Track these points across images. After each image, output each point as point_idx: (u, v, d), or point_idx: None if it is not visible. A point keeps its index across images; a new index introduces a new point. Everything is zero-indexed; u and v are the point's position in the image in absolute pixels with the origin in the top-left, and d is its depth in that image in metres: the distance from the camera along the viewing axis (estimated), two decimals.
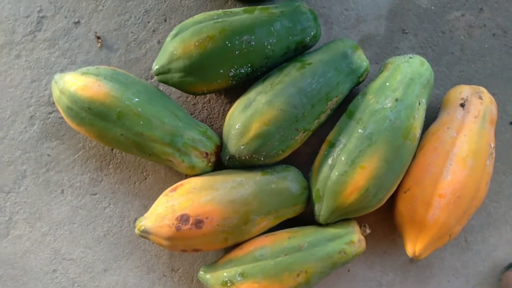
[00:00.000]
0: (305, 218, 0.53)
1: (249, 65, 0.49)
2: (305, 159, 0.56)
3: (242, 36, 0.48)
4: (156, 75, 0.50)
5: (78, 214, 0.58)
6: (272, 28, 0.49)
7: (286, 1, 0.53)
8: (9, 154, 0.58)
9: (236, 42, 0.48)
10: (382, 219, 0.54)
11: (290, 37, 0.51)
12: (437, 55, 0.57)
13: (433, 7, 0.58)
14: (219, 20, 0.48)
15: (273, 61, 0.51)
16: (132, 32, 0.60)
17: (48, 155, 0.58)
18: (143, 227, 0.48)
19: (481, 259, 0.54)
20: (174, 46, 0.48)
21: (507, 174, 0.54)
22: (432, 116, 0.54)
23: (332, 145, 0.48)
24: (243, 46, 0.48)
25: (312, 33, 0.52)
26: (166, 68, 0.49)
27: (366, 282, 0.54)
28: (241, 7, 0.53)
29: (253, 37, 0.48)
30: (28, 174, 0.58)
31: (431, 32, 0.57)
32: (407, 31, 0.58)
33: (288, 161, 0.54)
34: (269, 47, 0.49)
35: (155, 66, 0.50)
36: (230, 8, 0.59)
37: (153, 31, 0.60)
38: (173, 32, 0.49)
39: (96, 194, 0.58)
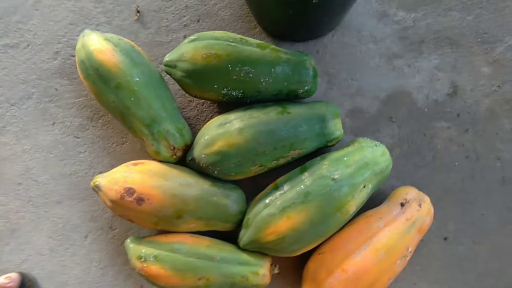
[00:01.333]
0: (233, 236, 0.59)
1: (241, 91, 0.55)
2: (259, 189, 0.62)
3: (244, 66, 0.54)
4: (165, 65, 0.57)
5: (57, 147, 0.66)
6: (272, 70, 0.55)
7: (298, 52, 0.58)
8: (26, 74, 0.67)
9: (237, 69, 0.54)
10: (299, 268, 0.59)
11: (285, 83, 0.56)
12: (410, 152, 0.61)
13: (426, 110, 0.62)
14: (232, 44, 0.55)
15: (264, 96, 0.57)
16: (167, 19, 0.67)
17: (56, 89, 0.66)
18: (97, 182, 0.55)
19: None
20: (187, 49, 0.55)
21: (421, 280, 0.58)
22: (381, 202, 0.59)
23: (276, 188, 0.54)
24: (241, 74, 0.54)
25: (306, 88, 0.57)
26: (174, 63, 0.56)
27: None
28: (264, 36, 0.59)
29: (253, 70, 0.54)
30: (34, 97, 0.66)
31: (414, 130, 0.62)
32: (394, 120, 0.62)
33: (244, 184, 0.60)
34: (263, 84, 0.55)
35: (166, 58, 0.57)
36: (256, 34, 0.65)
37: (184, 25, 0.67)
38: (192, 37, 0.56)
39: (79, 138, 0.66)
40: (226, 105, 0.64)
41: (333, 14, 0.58)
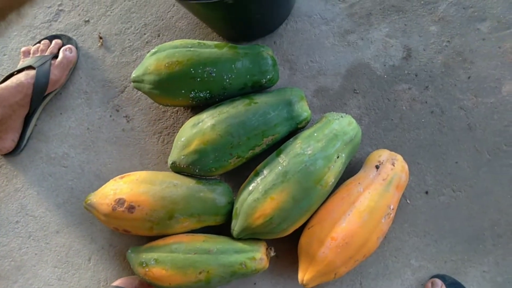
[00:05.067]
0: (226, 230, 0.61)
1: (208, 91, 0.59)
2: (243, 180, 0.65)
3: (205, 67, 0.57)
4: (133, 82, 0.60)
5: (47, 179, 0.68)
6: (233, 66, 0.58)
7: (254, 45, 0.62)
8: None
9: (199, 71, 0.57)
10: (294, 248, 0.62)
11: (248, 76, 0.59)
12: (378, 118, 0.64)
13: (385, 76, 0.65)
14: (191, 49, 0.58)
15: (230, 92, 0.60)
16: (129, 39, 0.70)
17: (36, 124, 0.69)
18: (89, 201, 0.57)
19: None
20: (150, 62, 0.58)
21: (411, 236, 0.61)
22: (359, 169, 0.62)
23: (257, 174, 0.56)
24: (205, 75, 0.57)
25: (268, 77, 0.60)
26: (141, 78, 0.59)
27: None
28: (221, 40, 0.62)
29: (214, 69, 0.57)
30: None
31: (378, 97, 0.65)
32: (357, 91, 0.65)
33: (228, 178, 0.63)
34: (227, 80, 0.58)
35: (133, 75, 0.60)
36: (214, 38, 0.69)
37: (147, 42, 0.70)
38: (153, 50, 0.59)
39: (66, 167, 0.68)
40: (199, 109, 0.67)
41: (276, 14, 0.62)
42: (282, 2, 0.60)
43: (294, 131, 0.61)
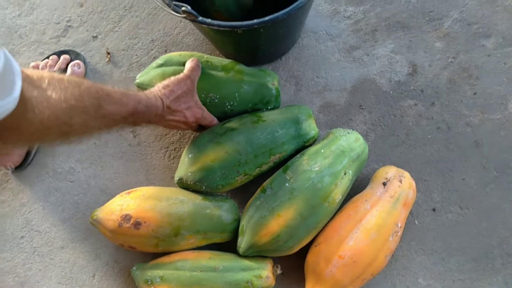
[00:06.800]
0: (232, 247, 0.61)
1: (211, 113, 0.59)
2: (250, 196, 0.64)
3: (209, 93, 0.58)
4: (136, 86, 0.61)
5: (53, 194, 0.68)
6: (236, 94, 0.58)
7: (262, 72, 0.61)
8: None
9: (203, 95, 0.57)
10: (300, 266, 0.61)
11: (249, 104, 0.60)
12: (385, 134, 0.64)
13: (391, 92, 0.65)
14: None
15: (230, 116, 0.60)
16: (136, 55, 0.71)
17: None
18: (95, 217, 0.57)
19: None
20: (154, 75, 0.58)
21: (418, 254, 0.60)
22: (365, 185, 0.62)
23: (264, 191, 0.56)
24: (208, 100, 0.58)
25: (269, 107, 0.61)
26: (145, 86, 0.59)
27: None
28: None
29: (218, 96, 0.58)
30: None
31: (384, 113, 0.65)
32: (363, 107, 0.65)
33: (235, 195, 0.63)
34: (229, 107, 0.59)
35: (137, 80, 0.61)
36: (220, 54, 0.69)
37: (154, 58, 0.71)
38: (159, 61, 0.59)
39: (72, 181, 0.68)
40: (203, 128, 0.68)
41: (282, 45, 0.63)
42: (288, 35, 0.60)
43: (301, 149, 0.61)
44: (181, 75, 0.55)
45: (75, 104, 0.39)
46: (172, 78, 0.54)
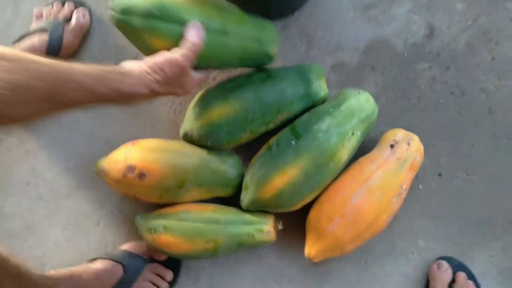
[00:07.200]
0: (235, 202, 0.61)
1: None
2: (254, 154, 0.64)
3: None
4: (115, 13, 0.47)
5: (58, 143, 0.68)
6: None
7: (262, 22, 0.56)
8: None
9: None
10: (301, 223, 0.62)
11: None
12: (396, 97, 0.63)
13: (406, 54, 0.63)
14: None
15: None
16: None
17: None
18: (100, 166, 0.58)
19: (374, 281, 0.61)
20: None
21: (421, 217, 0.60)
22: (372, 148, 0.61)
23: (270, 148, 0.56)
24: None
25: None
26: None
27: (271, 270, 0.63)
28: None
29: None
30: None
31: (397, 75, 0.63)
32: (376, 69, 0.64)
33: (239, 151, 0.62)
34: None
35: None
36: None
37: None
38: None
39: (77, 131, 0.68)
40: (212, 80, 0.66)
41: None
42: None
43: (309, 109, 0.59)
44: (178, 56, 0.44)
45: (12, 93, 0.31)
46: (166, 56, 0.44)
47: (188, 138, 0.58)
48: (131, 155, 0.56)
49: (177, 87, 0.47)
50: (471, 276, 0.57)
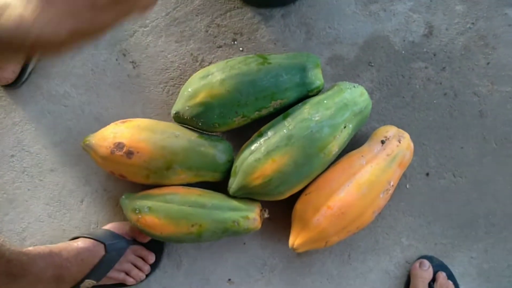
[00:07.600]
0: (223, 188, 0.61)
1: None
2: (245, 141, 0.64)
3: None
4: None
5: (46, 117, 0.67)
6: None
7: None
8: None
9: None
10: (287, 213, 0.61)
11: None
12: (390, 94, 0.63)
13: (403, 52, 0.63)
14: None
15: None
16: None
17: (38, 59, 0.67)
18: (87, 142, 0.57)
19: (353, 275, 0.61)
20: None
21: (406, 215, 0.61)
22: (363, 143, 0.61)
23: (261, 135, 0.55)
24: None
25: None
26: None
27: (254, 258, 0.63)
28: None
29: None
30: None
31: (392, 72, 0.63)
32: (372, 64, 0.64)
33: (230, 137, 0.62)
34: None
35: None
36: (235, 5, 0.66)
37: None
38: None
39: (66, 106, 0.67)
40: (208, 64, 0.65)
41: None
42: None
43: (304, 99, 0.59)
44: None
45: None
46: None
47: (179, 119, 0.57)
48: (121, 133, 0.55)
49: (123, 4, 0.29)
50: (451, 276, 0.58)
